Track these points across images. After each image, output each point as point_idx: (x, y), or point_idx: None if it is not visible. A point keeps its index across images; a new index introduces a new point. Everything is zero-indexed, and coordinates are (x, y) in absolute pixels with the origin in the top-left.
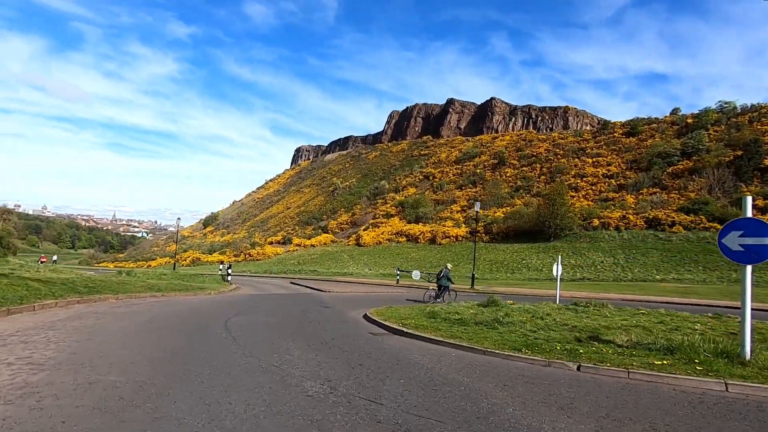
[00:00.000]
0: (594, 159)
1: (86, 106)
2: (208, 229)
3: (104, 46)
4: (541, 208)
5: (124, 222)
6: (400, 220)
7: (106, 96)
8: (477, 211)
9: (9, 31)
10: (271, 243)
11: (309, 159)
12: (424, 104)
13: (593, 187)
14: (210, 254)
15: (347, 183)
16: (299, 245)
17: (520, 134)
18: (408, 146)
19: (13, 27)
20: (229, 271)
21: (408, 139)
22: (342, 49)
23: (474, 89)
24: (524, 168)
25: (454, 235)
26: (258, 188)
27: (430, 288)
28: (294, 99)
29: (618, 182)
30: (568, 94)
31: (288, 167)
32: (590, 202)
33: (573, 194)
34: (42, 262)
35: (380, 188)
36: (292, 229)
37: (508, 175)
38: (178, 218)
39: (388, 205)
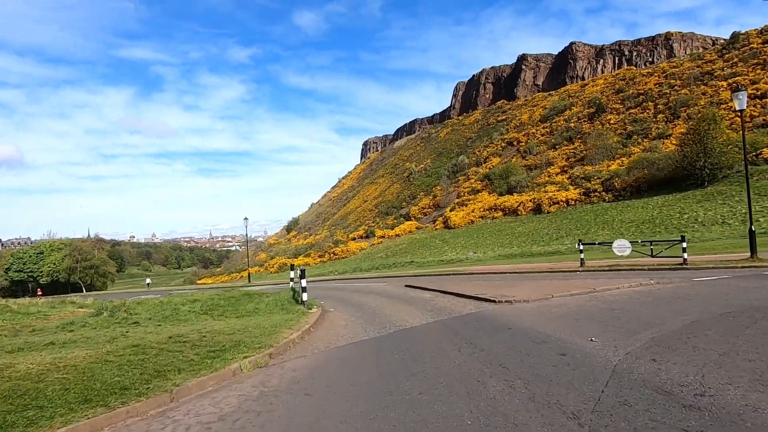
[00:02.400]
0: (730, 81)
1: (175, 139)
2: (291, 234)
3: (181, 82)
4: (686, 147)
5: (219, 238)
6: (490, 194)
7: (190, 127)
8: (741, 110)
9: (105, 86)
10: (354, 239)
11: (378, 150)
12: (492, 68)
13: (739, 113)
14: (295, 258)
15: (422, 165)
16: (383, 237)
17: (616, 74)
18: (481, 115)
19: (107, 81)
20: (304, 283)
21: (480, 109)
22: (393, 39)
23: (536, 51)
24: (632, 111)
25: (564, 199)
26: (332, 187)
27: None
28: (353, 97)
29: None
30: (644, 34)
31: (358, 162)
32: (735, 133)
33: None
34: (39, 296)
35: (460, 164)
36: (372, 222)
37: (612, 122)
38: (245, 218)
39: (472, 181)
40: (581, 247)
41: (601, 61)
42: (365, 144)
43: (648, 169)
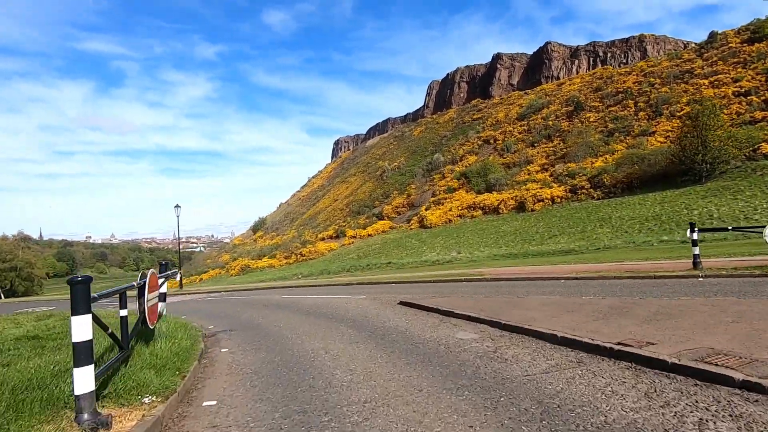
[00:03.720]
0: (712, 78)
1: (139, 137)
2: (257, 234)
3: (144, 78)
4: (684, 141)
5: (183, 239)
6: (467, 192)
7: (154, 125)
8: None
9: (61, 80)
10: (323, 239)
11: (350, 149)
12: (467, 67)
13: (725, 111)
14: (259, 259)
15: (395, 164)
16: (354, 237)
17: (593, 73)
18: (456, 114)
19: (63, 75)
20: (81, 335)
21: (454, 107)
22: (364, 40)
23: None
24: (612, 108)
25: (549, 196)
26: (302, 187)
27: None
28: (324, 98)
29: (762, 98)
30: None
31: (329, 161)
32: (731, 128)
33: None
34: None
35: (435, 162)
36: (343, 221)
37: (591, 120)
38: (177, 206)
39: (449, 179)
40: (695, 235)
41: (576, 61)
42: (336, 143)
43: (639, 164)
